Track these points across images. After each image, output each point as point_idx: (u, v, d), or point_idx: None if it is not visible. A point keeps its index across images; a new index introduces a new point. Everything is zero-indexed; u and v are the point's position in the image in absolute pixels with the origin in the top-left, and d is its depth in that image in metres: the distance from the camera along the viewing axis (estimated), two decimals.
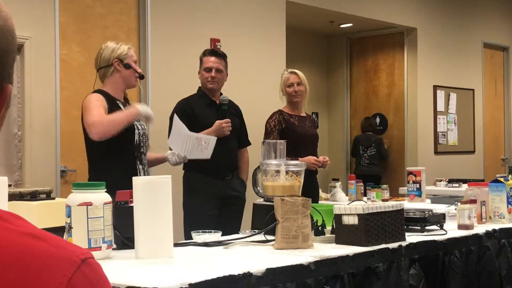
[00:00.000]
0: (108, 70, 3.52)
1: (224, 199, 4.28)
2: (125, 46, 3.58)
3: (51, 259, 0.78)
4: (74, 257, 0.79)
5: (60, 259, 0.78)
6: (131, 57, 3.56)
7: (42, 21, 4.93)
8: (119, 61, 3.51)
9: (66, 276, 0.77)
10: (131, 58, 3.56)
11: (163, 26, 5.71)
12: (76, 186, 2.36)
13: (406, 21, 8.45)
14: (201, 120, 4.25)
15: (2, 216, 0.81)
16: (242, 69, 6.15)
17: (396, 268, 2.61)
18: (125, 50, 3.54)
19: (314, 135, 4.89)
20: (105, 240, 2.32)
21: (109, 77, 3.52)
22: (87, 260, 0.80)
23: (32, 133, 4.88)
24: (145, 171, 3.57)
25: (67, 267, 0.78)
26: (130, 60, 3.55)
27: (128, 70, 3.54)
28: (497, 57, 10.01)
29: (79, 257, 0.79)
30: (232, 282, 2.01)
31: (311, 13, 7.72)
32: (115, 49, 3.54)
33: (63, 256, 0.79)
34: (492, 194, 3.52)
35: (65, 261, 0.78)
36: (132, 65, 3.55)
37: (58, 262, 0.78)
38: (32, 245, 0.78)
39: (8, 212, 0.82)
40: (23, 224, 0.81)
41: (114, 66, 3.51)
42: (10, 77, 0.87)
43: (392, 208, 2.73)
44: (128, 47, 3.58)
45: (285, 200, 2.57)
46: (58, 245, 0.80)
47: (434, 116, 8.80)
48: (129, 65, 3.53)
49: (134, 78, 3.58)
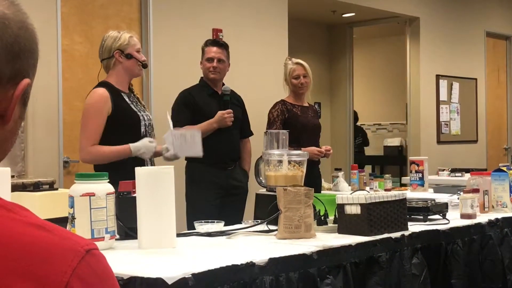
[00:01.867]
0: (110, 62, 3.51)
1: (227, 189, 4.29)
2: (127, 34, 3.53)
3: (56, 249, 0.78)
4: (78, 247, 0.80)
5: (65, 249, 0.79)
6: (133, 46, 3.51)
7: (43, 12, 4.92)
8: (120, 52, 3.49)
9: (71, 267, 0.77)
10: (133, 48, 3.51)
11: (165, 17, 5.70)
12: (79, 177, 2.37)
13: (409, 10, 8.42)
14: (203, 110, 4.25)
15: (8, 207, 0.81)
16: (244, 59, 6.14)
17: (399, 258, 2.61)
18: (126, 39, 3.50)
19: (316, 125, 4.89)
20: (108, 231, 2.32)
21: (112, 68, 3.51)
22: (92, 251, 0.81)
23: (35, 124, 4.88)
24: (151, 161, 3.57)
25: (72, 257, 0.78)
26: (131, 49, 3.50)
27: (130, 60, 3.50)
28: (500, 46, 9.98)
29: (84, 248, 0.80)
30: (235, 272, 2.02)
31: (313, 3, 7.70)
32: (116, 39, 3.50)
33: (68, 246, 0.79)
34: (495, 183, 3.51)
35: (69, 252, 0.79)
36: (134, 55, 3.51)
37: (63, 253, 0.78)
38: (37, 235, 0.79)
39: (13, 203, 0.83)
40: (28, 215, 0.82)
41: (116, 58, 3.50)
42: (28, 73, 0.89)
43: (395, 197, 2.73)
44: (130, 36, 3.53)
45: (288, 190, 2.58)
46: (63, 235, 0.81)
47: (437, 105, 8.78)
48: (130, 55, 3.50)
49: (138, 68, 3.54)
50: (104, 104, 3.39)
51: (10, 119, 0.87)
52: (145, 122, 3.52)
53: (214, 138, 4.22)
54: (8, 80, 0.85)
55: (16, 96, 0.86)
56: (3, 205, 0.81)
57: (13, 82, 0.86)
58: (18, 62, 0.86)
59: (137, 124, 3.48)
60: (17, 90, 0.86)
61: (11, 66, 0.85)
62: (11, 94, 0.86)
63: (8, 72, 0.85)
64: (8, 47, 0.84)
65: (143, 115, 3.53)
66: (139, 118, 3.49)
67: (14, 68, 0.86)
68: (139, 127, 3.48)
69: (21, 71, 0.87)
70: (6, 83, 0.85)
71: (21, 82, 0.87)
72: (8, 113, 0.87)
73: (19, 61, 0.86)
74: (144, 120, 3.52)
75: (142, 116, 3.51)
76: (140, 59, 3.53)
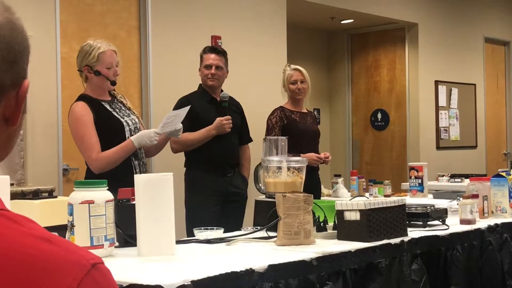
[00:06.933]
0: (82, 75, 3.54)
1: (226, 196, 4.29)
2: (97, 51, 3.45)
3: (62, 262, 0.78)
4: (84, 261, 0.79)
5: (70, 263, 0.79)
6: (102, 62, 3.45)
7: (42, 19, 4.93)
8: (89, 68, 3.47)
9: (76, 280, 0.77)
10: (102, 64, 3.45)
11: (164, 24, 5.71)
12: (78, 184, 2.37)
13: (407, 16, 8.44)
14: (202, 117, 4.26)
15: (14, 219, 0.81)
16: (243, 66, 6.15)
17: (398, 264, 2.61)
18: (94, 57, 3.44)
19: (315, 132, 4.89)
20: (107, 238, 2.32)
21: (87, 81, 3.53)
22: (97, 265, 0.80)
23: (34, 132, 4.88)
24: (140, 166, 3.56)
25: (77, 271, 0.78)
26: (100, 66, 3.45)
27: (99, 77, 3.47)
28: (499, 52, 9.99)
29: (89, 262, 0.80)
30: (234, 279, 2.01)
31: (312, 9, 7.71)
32: (86, 54, 3.47)
33: (73, 260, 0.79)
34: (494, 189, 3.51)
35: (75, 265, 0.78)
36: (102, 72, 3.46)
37: (68, 266, 0.78)
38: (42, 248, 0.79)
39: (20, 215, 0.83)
40: (34, 227, 0.82)
41: (85, 73, 3.50)
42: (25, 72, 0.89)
43: (394, 203, 2.73)
44: (100, 52, 3.45)
45: (287, 196, 2.58)
46: (69, 249, 0.81)
47: (436, 111, 8.79)
48: (98, 72, 3.47)
49: (107, 84, 3.51)
50: (88, 115, 3.41)
51: (17, 121, 0.88)
52: (129, 127, 3.52)
53: (213, 145, 4.23)
54: (9, 86, 0.86)
55: (22, 98, 0.88)
56: (10, 216, 0.81)
57: (14, 86, 0.87)
58: (15, 67, 0.87)
59: (121, 131, 3.48)
60: (21, 92, 0.88)
61: (10, 73, 0.86)
62: (14, 96, 0.87)
63: (9, 80, 0.86)
64: (4, 57, 0.85)
65: (127, 120, 3.52)
66: (122, 125, 3.49)
67: (13, 74, 0.87)
68: (123, 133, 3.49)
69: (19, 73, 0.88)
70: (9, 89, 0.86)
71: (22, 83, 0.88)
72: (16, 115, 0.88)
73: (16, 66, 0.87)
74: (129, 125, 3.52)
75: (126, 122, 3.51)
76: (108, 76, 3.47)
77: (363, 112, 9.10)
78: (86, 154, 3.41)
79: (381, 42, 9.01)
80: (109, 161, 3.39)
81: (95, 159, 3.38)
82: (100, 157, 3.38)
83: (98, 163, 3.39)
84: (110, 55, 3.50)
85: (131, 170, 3.46)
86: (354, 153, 9.26)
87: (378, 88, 9.06)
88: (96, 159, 3.38)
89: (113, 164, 3.40)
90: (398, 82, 8.83)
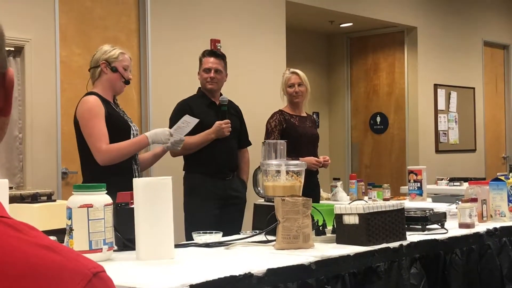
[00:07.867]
0: (96, 71, 3.54)
1: (225, 200, 4.28)
2: (119, 50, 3.56)
3: (64, 271, 0.78)
4: (86, 270, 0.79)
5: (72, 271, 0.78)
6: (121, 61, 3.53)
7: (42, 23, 4.94)
8: (107, 63, 3.51)
9: None
10: (121, 63, 3.53)
11: (163, 27, 5.71)
12: (77, 188, 2.37)
13: (406, 20, 8.45)
14: (201, 121, 4.26)
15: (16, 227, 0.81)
16: (243, 69, 6.16)
17: (397, 268, 2.61)
18: (115, 54, 3.53)
19: (314, 135, 4.89)
20: (106, 242, 2.32)
21: (98, 79, 3.54)
22: (99, 273, 0.80)
23: (33, 135, 4.88)
24: (138, 172, 3.59)
25: (79, 280, 0.78)
26: (118, 64, 3.52)
27: (115, 74, 3.52)
28: (498, 55, 10.01)
29: (91, 271, 0.80)
30: (233, 283, 2.01)
31: (311, 13, 7.72)
32: (107, 51, 3.54)
33: (75, 268, 0.79)
34: (493, 193, 3.52)
35: (77, 274, 0.78)
36: (119, 69, 3.53)
37: (70, 275, 0.78)
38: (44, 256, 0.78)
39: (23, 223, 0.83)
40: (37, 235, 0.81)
41: (101, 68, 3.52)
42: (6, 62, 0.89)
43: (393, 207, 2.73)
44: (121, 52, 3.55)
45: (286, 200, 2.58)
46: (71, 257, 0.80)
47: (435, 114, 8.80)
48: (115, 69, 3.52)
49: (120, 83, 3.55)
50: (100, 107, 3.41)
51: (9, 111, 0.89)
52: (133, 132, 3.54)
53: (212, 149, 4.23)
54: None
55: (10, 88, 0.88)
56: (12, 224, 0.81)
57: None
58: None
59: (128, 133, 3.49)
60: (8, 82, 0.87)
61: None
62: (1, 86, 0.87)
63: None
64: None
65: (132, 126, 3.56)
66: (130, 128, 3.51)
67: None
68: (130, 135, 3.50)
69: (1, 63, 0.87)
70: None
71: (6, 73, 0.88)
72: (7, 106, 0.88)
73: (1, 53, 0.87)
74: (133, 130, 3.54)
75: (131, 126, 3.54)
76: (124, 74, 3.55)
77: (362, 116, 9.10)
78: (95, 144, 3.37)
79: (380, 46, 9.02)
80: (121, 153, 3.39)
81: (106, 150, 3.35)
82: (112, 148, 3.37)
83: (108, 154, 3.36)
84: (129, 59, 3.62)
85: (131, 174, 3.46)
86: (353, 156, 9.26)
87: (377, 92, 9.06)
88: (106, 150, 3.36)
89: (123, 157, 3.40)
90: (397, 85, 8.84)
